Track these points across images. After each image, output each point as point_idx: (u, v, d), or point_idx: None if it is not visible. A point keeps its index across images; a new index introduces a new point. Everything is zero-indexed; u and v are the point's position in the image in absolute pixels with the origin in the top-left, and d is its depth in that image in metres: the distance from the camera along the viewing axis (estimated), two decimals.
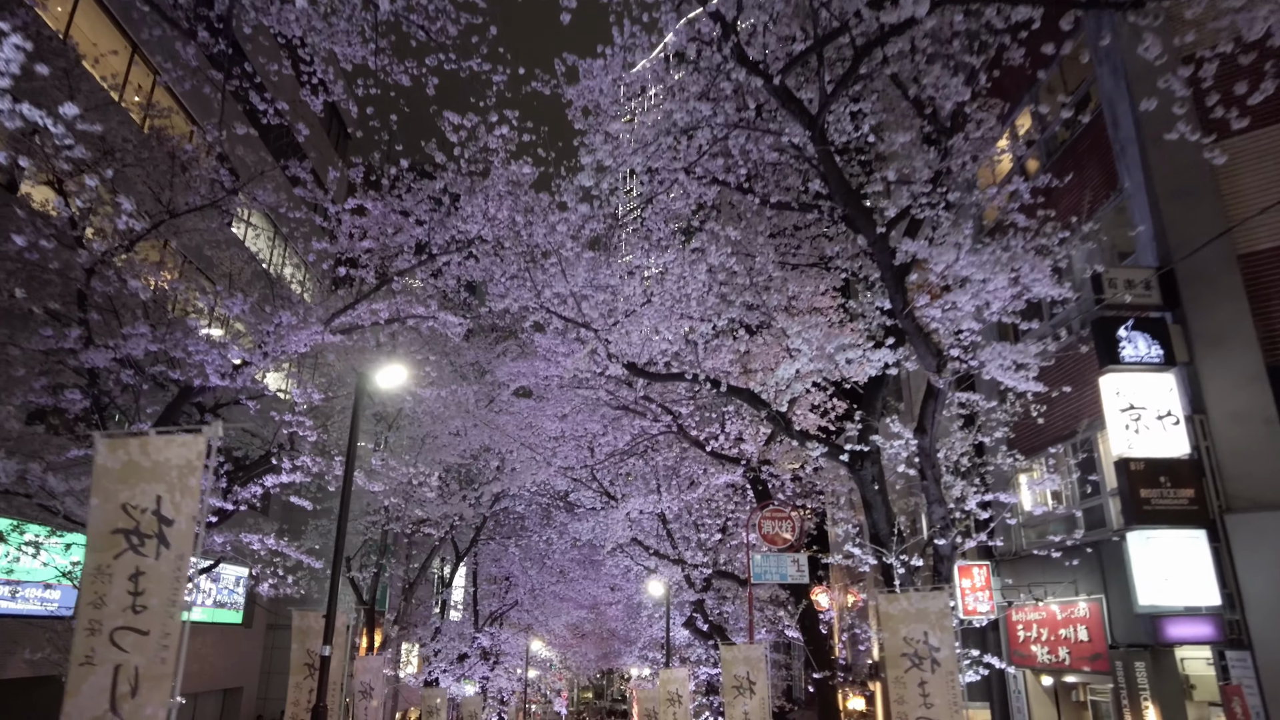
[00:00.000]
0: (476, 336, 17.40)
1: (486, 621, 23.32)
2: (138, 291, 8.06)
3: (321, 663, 6.28)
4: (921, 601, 5.86)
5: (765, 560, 10.25)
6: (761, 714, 8.60)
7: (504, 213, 9.45)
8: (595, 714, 49.49)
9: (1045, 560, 10.43)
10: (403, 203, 9.60)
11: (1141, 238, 8.69)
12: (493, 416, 14.71)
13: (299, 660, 7.17)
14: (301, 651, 7.22)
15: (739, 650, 8.96)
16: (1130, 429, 7.90)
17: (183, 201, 9.11)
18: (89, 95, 8.67)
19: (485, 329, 17.80)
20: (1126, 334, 8.00)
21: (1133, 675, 8.60)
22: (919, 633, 5.75)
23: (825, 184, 8.43)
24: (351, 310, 9.69)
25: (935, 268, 6.80)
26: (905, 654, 5.74)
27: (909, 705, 5.62)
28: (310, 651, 6.97)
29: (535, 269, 9.47)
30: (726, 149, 8.48)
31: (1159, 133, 8.66)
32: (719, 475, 13.82)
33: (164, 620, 3.33)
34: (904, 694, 5.66)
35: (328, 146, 17.49)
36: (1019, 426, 9.98)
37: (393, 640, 16.12)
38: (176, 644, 3.31)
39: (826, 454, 8.56)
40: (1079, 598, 9.76)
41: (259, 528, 10.18)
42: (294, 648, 7.28)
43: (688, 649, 21.41)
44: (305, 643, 7.23)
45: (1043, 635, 10.42)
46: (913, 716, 5.57)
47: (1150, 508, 7.59)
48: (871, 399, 8.48)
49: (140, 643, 3.26)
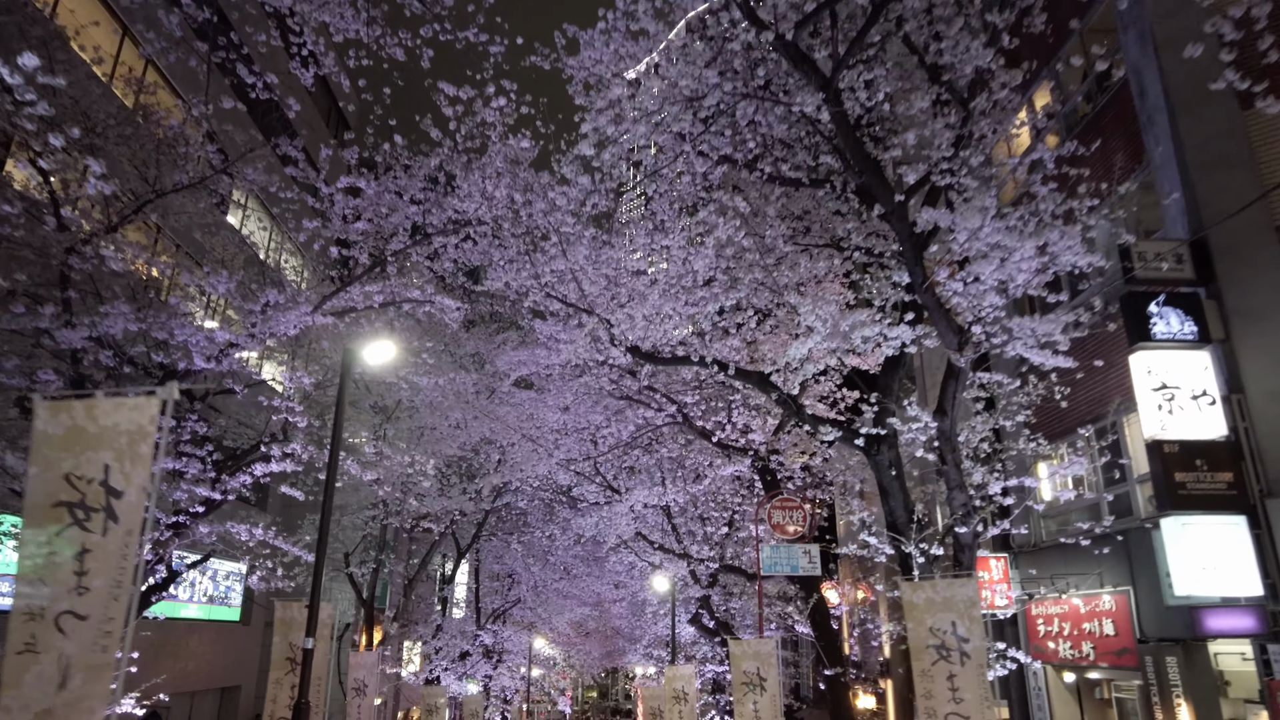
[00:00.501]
0: (477, 327, 17.04)
1: (489, 619, 22.97)
2: (117, 267, 7.70)
3: (304, 656, 5.87)
4: (948, 589, 5.45)
5: (775, 551, 9.83)
6: (773, 711, 8.20)
7: (502, 191, 9.08)
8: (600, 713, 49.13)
9: (1067, 551, 10.00)
10: (398, 182, 9.23)
11: (1170, 210, 8.26)
12: (493, 408, 14.35)
13: (280, 654, 6.74)
14: (284, 645, 6.80)
15: (748, 645, 8.55)
16: (1163, 409, 7.46)
17: (170, 181, 8.75)
18: (68, 66, 8.31)
19: (485, 319, 17.44)
20: (1158, 310, 7.57)
21: (1163, 671, 8.17)
22: (946, 623, 5.34)
23: (838, 156, 8.03)
24: (344, 293, 9.32)
25: (958, 237, 6.38)
26: (932, 645, 5.33)
27: (937, 700, 5.21)
28: (293, 645, 6.56)
29: (535, 252, 9.10)
30: (735, 124, 8.09)
31: (1191, 100, 8.23)
32: (725, 466, 13.42)
33: (106, 604, 2.94)
34: (931, 688, 5.25)
35: (320, 123, 17.11)
36: (1040, 410, 9.56)
37: (392, 638, 15.75)
38: (120, 631, 2.92)
39: (841, 439, 8.15)
40: (1104, 590, 9.33)
41: (254, 520, 9.82)
42: (275, 641, 6.85)
43: (693, 647, 21.03)
44: (288, 635, 6.81)
45: (1065, 630, 9.99)
46: (942, 713, 5.16)
47: (1186, 492, 7.16)
48: (888, 380, 8.07)
49: (78, 628, 2.88)
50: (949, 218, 6.31)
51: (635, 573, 22.07)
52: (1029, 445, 8.87)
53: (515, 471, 14.62)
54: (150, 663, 14.38)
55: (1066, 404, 8.73)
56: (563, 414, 13.84)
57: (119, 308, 7.46)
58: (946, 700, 5.21)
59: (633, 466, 16.52)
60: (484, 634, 21.39)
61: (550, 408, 13.87)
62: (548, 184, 8.85)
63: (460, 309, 10.74)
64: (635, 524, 15.97)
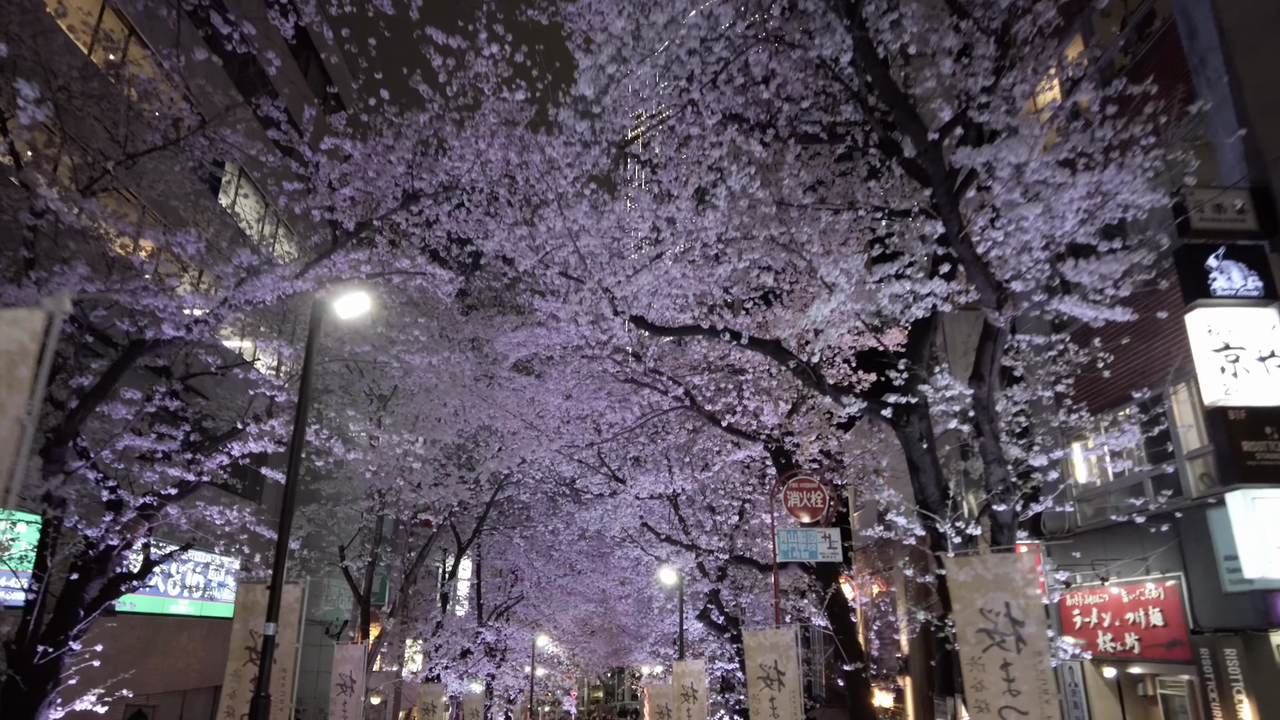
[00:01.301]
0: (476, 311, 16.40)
1: (491, 615, 22.34)
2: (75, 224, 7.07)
3: (264, 644, 5.17)
4: (1000, 566, 4.75)
5: (792, 536, 9.12)
6: (792, 708, 7.51)
7: (496, 152, 8.44)
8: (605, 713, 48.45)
9: (1106, 535, 9.28)
10: (385, 143, 8.59)
11: (1226, 159, 7.54)
12: (492, 393, 13.72)
13: (240, 643, 6.00)
14: (244, 633, 6.05)
15: (765, 636, 7.86)
16: (1226, 373, 6.74)
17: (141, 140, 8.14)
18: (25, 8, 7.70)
19: (485, 303, 16.80)
20: (1217, 263, 6.86)
21: (1221, 664, 7.44)
22: (999, 604, 4.64)
23: (859, 105, 7.35)
24: (329, 260, 8.69)
25: (1000, 173, 5.69)
26: (982, 629, 4.63)
27: (989, 692, 4.52)
28: (253, 632, 5.85)
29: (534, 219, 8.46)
30: (747, 71, 7.41)
31: (1249, 39, 7.52)
32: (735, 452, 12.73)
33: None
34: (983, 678, 4.55)
35: (300, 80, 16.40)
36: (1077, 382, 8.83)
37: (388, 634, 15.11)
38: None
39: (866, 410, 7.45)
40: (1149, 577, 8.61)
41: (244, 509, 9.20)
42: (235, 628, 6.09)
43: (700, 644, 20.36)
44: (248, 621, 6.09)
45: (1105, 621, 9.26)
46: (995, 706, 4.47)
47: (1255, 463, 6.44)
48: (918, 344, 7.38)
49: None
50: (991, 152, 5.62)
51: (641, 568, 21.44)
52: (1065, 419, 8.15)
53: (515, 458, 13.97)
54: (136, 660, 13.79)
55: (1109, 373, 8.01)
56: (565, 401, 13.20)
57: (76, 268, 6.83)
58: (1001, 692, 4.52)
59: (638, 457, 15.85)
60: (486, 631, 20.75)
61: (552, 393, 13.21)
62: (545, 142, 8.20)
63: (454, 281, 10.11)
64: (641, 516, 15.32)
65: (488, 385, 13.92)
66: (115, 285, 7.26)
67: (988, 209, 6.40)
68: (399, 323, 11.30)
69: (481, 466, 14.89)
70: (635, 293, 8.60)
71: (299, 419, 6.46)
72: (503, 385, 14.01)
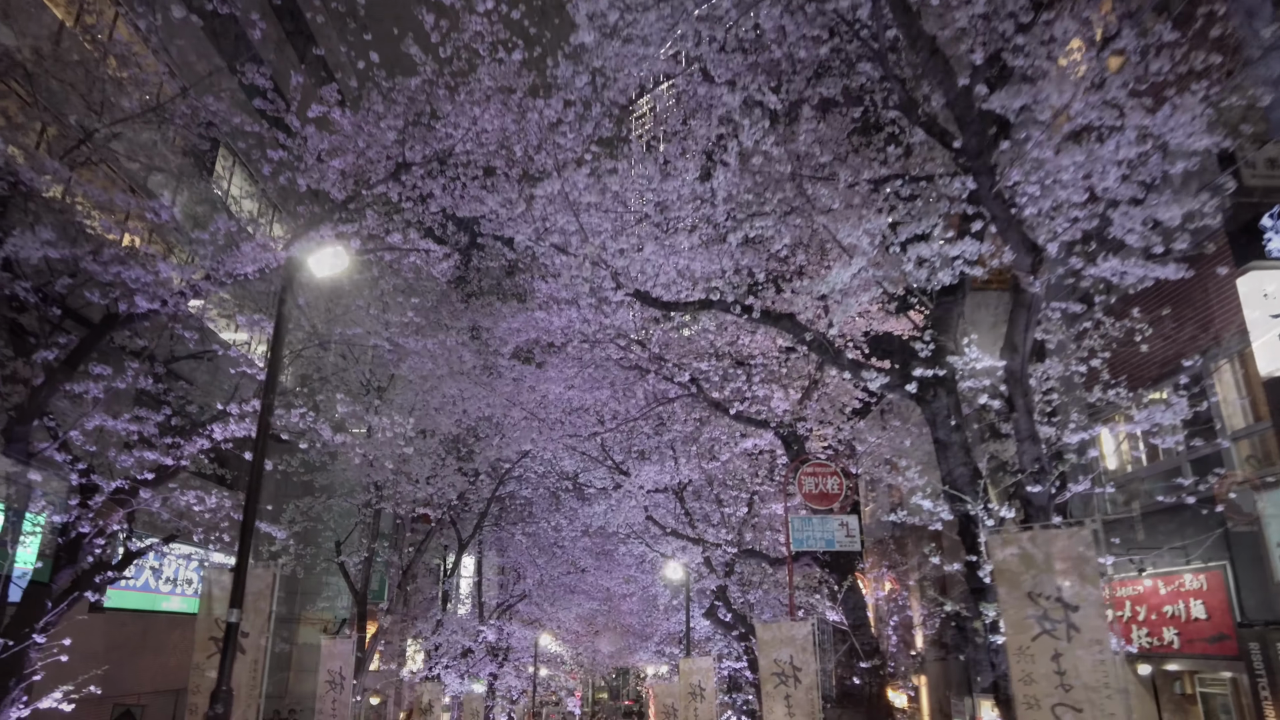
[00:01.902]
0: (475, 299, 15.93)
1: (493, 614, 21.86)
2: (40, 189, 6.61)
3: (228, 631, 4.65)
4: (1048, 544, 4.23)
5: (806, 524, 8.60)
6: (809, 706, 6.99)
7: (492, 119, 7.95)
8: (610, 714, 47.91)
9: (1139, 523, 8.74)
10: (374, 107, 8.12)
11: (1276, 113, 7.00)
12: (492, 381, 13.25)
13: (205, 634, 5.45)
14: (209, 622, 5.51)
15: (780, 629, 7.34)
16: None
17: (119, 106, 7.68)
18: None
19: (485, 290, 16.33)
20: (1272, 223, 6.33)
21: (1273, 660, 6.90)
22: (1049, 586, 4.12)
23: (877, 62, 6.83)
24: (315, 232, 8.20)
25: (1040, 116, 5.19)
26: (1031, 615, 4.11)
27: (1039, 687, 4.00)
28: (219, 621, 5.32)
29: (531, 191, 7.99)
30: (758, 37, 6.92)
31: None
32: (745, 440, 12.21)
33: None
34: (1032, 671, 4.03)
35: (284, 41, 15.81)
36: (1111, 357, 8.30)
37: (384, 631, 14.62)
38: None
39: (888, 386, 6.94)
40: (1188, 567, 8.07)
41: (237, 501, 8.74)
42: (200, 618, 5.54)
43: (707, 643, 19.82)
44: (213, 611, 5.54)
45: (1140, 614, 8.72)
46: (1047, 703, 3.94)
47: None
48: (945, 314, 6.87)
49: None
50: (1031, 93, 5.11)
51: (646, 565, 20.92)
52: (1102, 395, 7.61)
53: (516, 447, 13.48)
54: (126, 658, 13.33)
55: (1146, 346, 7.48)
56: (568, 391, 12.71)
57: (39, 232, 6.37)
58: (1052, 687, 4.00)
59: (642, 450, 15.34)
60: (487, 630, 20.27)
61: (554, 381, 12.71)
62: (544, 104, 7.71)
63: (449, 257, 9.63)
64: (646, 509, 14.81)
65: (487, 375, 13.47)
66: (82, 252, 6.80)
67: (1021, 162, 5.89)
68: (394, 304, 10.82)
69: (481, 456, 14.41)
70: (640, 267, 8.12)
71: (270, 379, 5.96)
72: (503, 374, 13.55)
